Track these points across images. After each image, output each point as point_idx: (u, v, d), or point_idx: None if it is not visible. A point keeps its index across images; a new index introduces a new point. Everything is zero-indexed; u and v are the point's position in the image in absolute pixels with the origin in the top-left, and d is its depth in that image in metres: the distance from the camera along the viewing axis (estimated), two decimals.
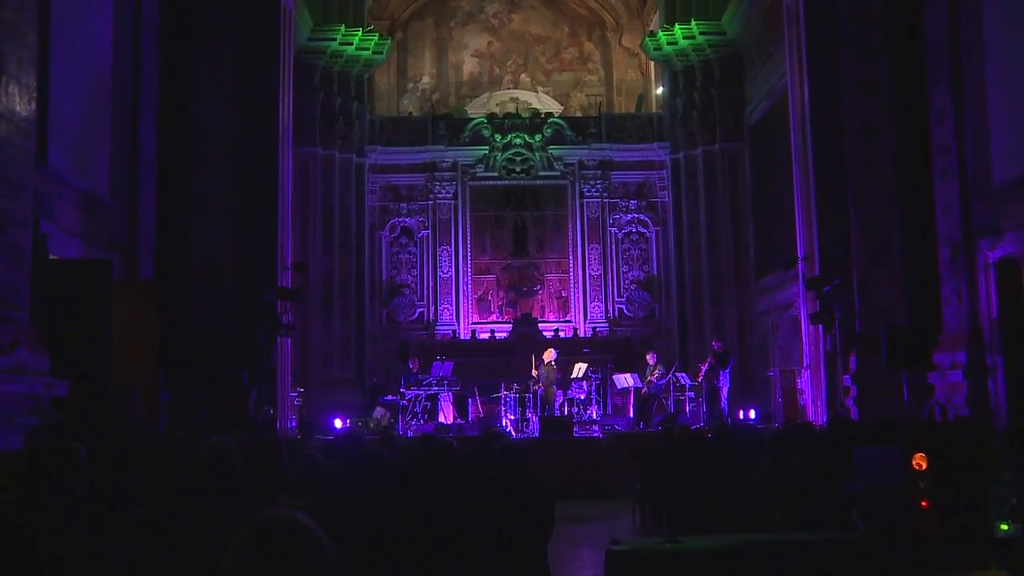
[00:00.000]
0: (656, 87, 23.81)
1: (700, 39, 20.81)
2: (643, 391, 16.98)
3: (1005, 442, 3.40)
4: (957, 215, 12.29)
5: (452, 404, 17.08)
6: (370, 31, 21.27)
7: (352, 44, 20.73)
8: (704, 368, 17.09)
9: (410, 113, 24.06)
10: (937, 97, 12.73)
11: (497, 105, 23.72)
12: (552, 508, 4.90)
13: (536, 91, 24.60)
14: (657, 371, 17.08)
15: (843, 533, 3.54)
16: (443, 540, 4.18)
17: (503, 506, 4.66)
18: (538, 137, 21.92)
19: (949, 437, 5.90)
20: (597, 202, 21.86)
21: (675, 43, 21.07)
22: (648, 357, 17.51)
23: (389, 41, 22.23)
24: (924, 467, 3.21)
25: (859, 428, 7.39)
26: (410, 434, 15.04)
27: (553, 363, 16.93)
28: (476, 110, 23.51)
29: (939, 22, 12.64)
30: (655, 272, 21.84)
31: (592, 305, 21.51)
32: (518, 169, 21.86)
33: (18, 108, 8.41)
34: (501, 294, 21.64)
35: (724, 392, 16.89)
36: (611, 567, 3.53)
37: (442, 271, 21.48)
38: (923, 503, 3.21)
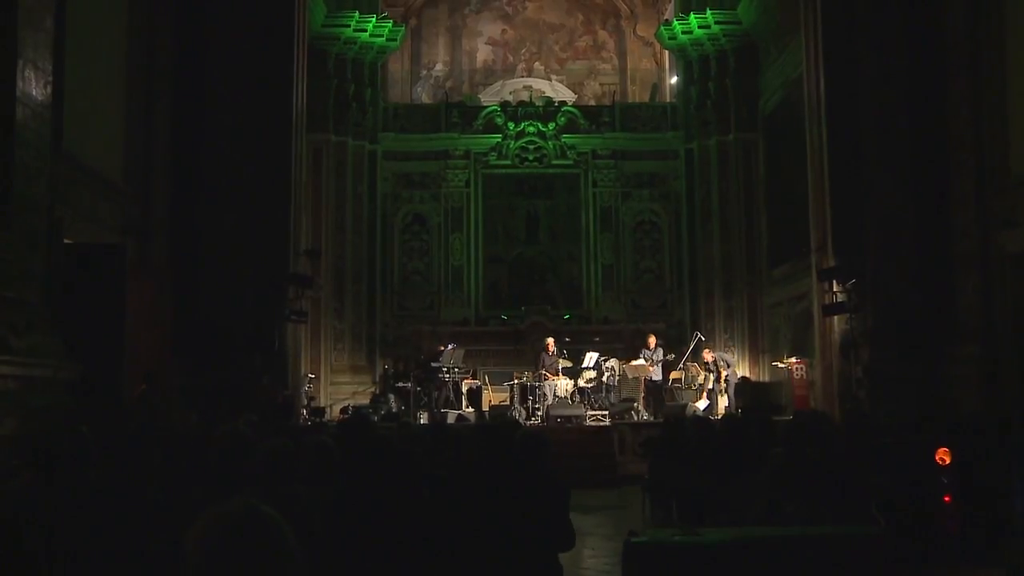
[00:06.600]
0: (670, 76, 23.69)
1: (715, 29, 20.68)
2: (649, 378, 16.95)
3: None
4: (973, 208, 12.22)
5: (463, 392, 17.11)
6: (384, 18, 21.20)
7: (366, 31, 20.67)
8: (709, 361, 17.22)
9: (424, 100, 24.03)
10: (954, 88, 12.64)
11: (511, 93, 23.62)
12: (566, 496, 4.89)
13: (550, 79, 24.49)
14: (656, 355, 17.12)
15: (864, 527, 3.52)
16: (454, 528, 4.17)
17: (515, 494, 4.65)
18: (551, 126, 21.84)
19: (970, 432, 5.86)
20: (610, 191, 21.79)
21: (690, 32, 20.94)
22: (649, 339, 17.52)
23: (403, 28, 22.16)
24: (948, 462, 3.18)
25: (875, 421, 7.35)
26: (423, 421, 15.10)
27: (553, 352, 16.96)
28: (489, 98, 23.42)
29: (958, 11, 12.54)
30: (667, 262, 21.77)
31: (604, 294, 21.47)
32: (531, 157, 21.79)
33: (34, 92, 8.41)
34: (513, 282, 21.60)
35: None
36: (629, 558, 3.52)
37: (454, 259, 21.45)
38: (946, 498, 3.19)
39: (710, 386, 17.04)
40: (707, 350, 17.71)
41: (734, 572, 3.41)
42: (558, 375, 16.73)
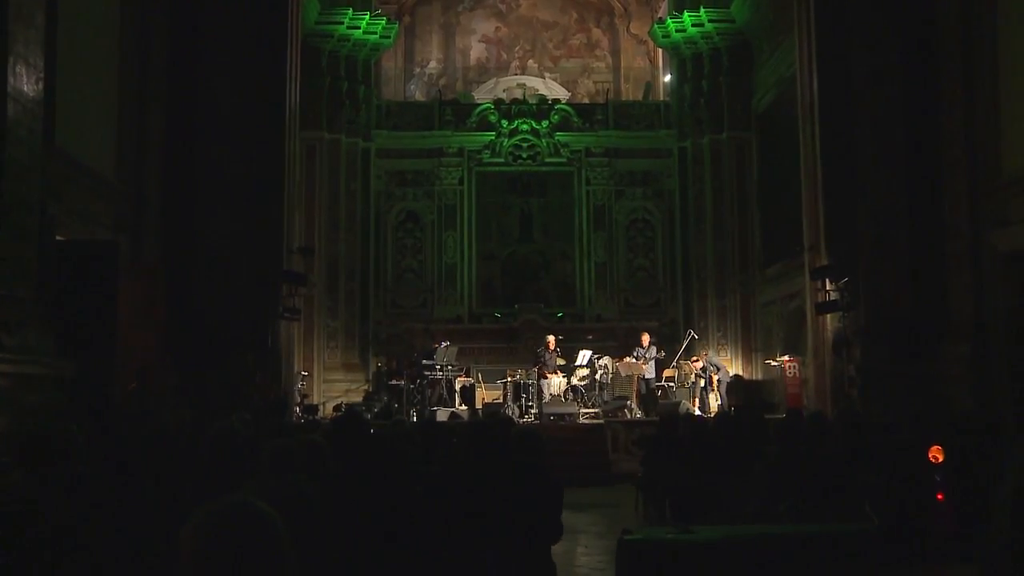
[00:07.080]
0: (664, 75, 23.68)
1: (709, 27, 20.68)
2: (642, 376, 16.98)
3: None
4: (965, 206, 12.25)
5: (456, 389, 17.10)
6: (377, 15, 21.17)
7: (359, 28, 20.63)
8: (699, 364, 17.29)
9: (417, 98, 23.99)
10: (947, 87, 12.68)
11: (504, 91, 23.60)
12: (560, 494, 4.89)
13: (543, 77, 24.48)
14: (649, 353, 17.15)
15: (857, 525, 3.52)
16: (447, 525, 4.17)
17: (509, 491, 4.65)
18: (545, 124, 21.82)
19: (963, 430, 5.87)
20: (603, 189, 21.78)
21: (684, 31, 20.96)
22: (642, 337, 17.55)
23: (396, 25, 22.11)
24: (941, 460, 3.19)
25: (868, 419, 7.36)
26: (415, 419, 15.08)
27: (555, 350, 17.05)
28: (483, 96, 23.40)
29: (950, 11, 12.58)
30: (660, 260, 21.78)
31: (597, 292, 21.46)
32: (524, 155, 21.77)
33: (26, 89, 8.37)
34: (506, 280, 21.59)
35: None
36: (622, 556, 3.52)
37: (447, 256, 21.42)
38: (939, 496, 3.19)
39: (701, 385, 17.10)
40: (695, 358, 17.76)
41: (727, 570, 3.42)
42: (556, 373, 16.75)
